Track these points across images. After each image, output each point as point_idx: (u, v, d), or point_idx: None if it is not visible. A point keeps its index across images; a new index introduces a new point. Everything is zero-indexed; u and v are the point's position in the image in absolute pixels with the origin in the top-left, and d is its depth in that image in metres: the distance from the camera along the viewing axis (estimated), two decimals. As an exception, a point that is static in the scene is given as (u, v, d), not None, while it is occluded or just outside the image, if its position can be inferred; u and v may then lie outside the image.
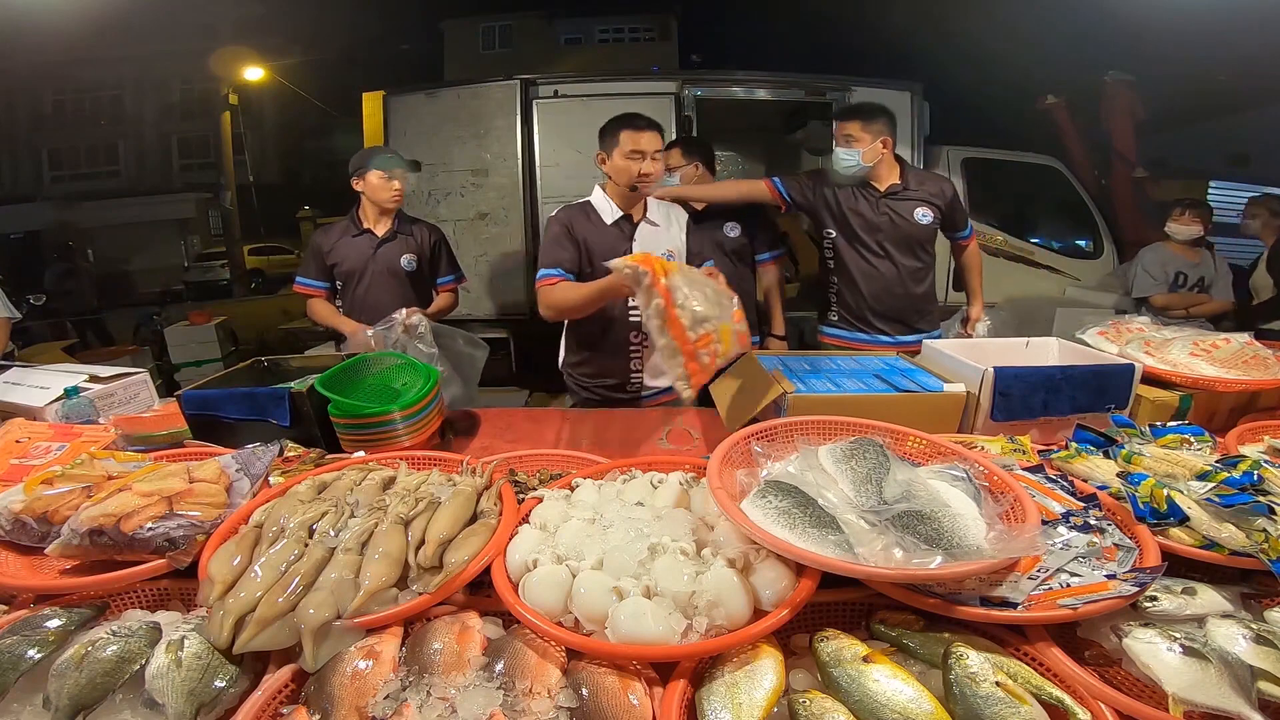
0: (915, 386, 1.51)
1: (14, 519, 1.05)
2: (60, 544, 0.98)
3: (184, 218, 9.31)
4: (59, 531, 1.00)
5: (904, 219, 2.29)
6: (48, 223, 8.29)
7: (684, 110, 4.66)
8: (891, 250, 2.32)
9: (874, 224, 2.31)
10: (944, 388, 1.50)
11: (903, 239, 2.31)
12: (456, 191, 4.70)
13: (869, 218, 2.31)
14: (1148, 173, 5.25)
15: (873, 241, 2.32)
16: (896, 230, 2.30)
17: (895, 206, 2.30)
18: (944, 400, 1.48)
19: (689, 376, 1.31)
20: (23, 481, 1.13)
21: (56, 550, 0.98)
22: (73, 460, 1.32)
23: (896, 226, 2.30)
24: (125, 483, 1.09)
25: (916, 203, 2.30)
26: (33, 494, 1.08)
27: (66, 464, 1.31)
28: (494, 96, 4.64)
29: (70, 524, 0.99)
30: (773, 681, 0.75)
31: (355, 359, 1.67)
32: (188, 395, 1.50)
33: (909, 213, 2.29)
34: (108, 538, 0.97)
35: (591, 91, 4.65)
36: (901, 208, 2.30)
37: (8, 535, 1.06)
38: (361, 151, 2.50)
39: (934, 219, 2.32)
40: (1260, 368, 1.52)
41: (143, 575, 0.96)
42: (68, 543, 0.98)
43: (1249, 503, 0.93)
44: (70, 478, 1.13)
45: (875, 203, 2.31)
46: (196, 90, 9.25)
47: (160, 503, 1.02)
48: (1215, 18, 3.96)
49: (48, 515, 1.04)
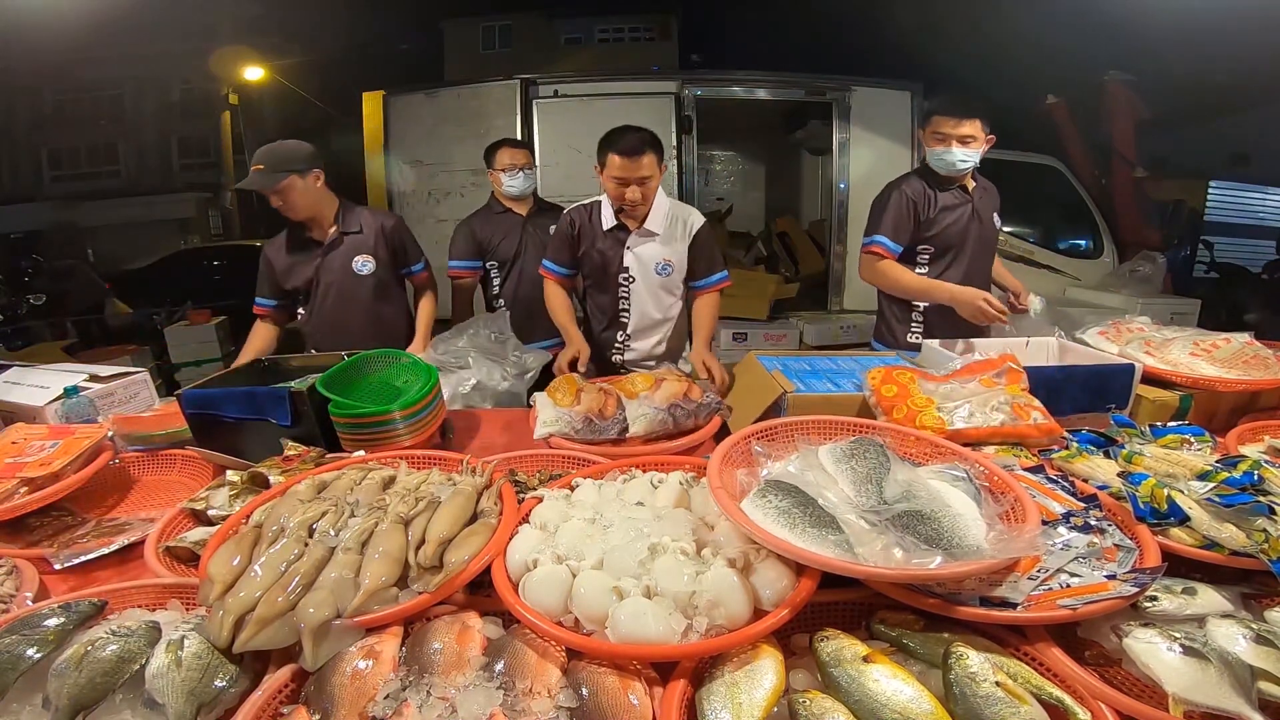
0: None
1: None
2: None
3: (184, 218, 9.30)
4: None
5: (985, 222, 2.17)
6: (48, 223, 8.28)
7: (684, 110, 4.67)
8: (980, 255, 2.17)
9: (965, 230, 2.13)
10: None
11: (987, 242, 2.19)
12: (456, 191, 4.71)
13: (962, 224, 2.13)
14: (1148, 173, 5.24)
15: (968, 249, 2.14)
16: (983, 232, 2.16)
17: (979, 210, 2.15)
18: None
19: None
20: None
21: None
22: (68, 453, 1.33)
23: (983, 227, 2.16)
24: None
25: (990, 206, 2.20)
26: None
27: (59, 458, 1.31)
28: (494, 96, 4.65)
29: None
30: (773, 681, 0.75)
31: (355, 358, 1.67)
32: (188, 395, 1.50)
33: (988, 215, 2.18)
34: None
35: (591, 91, 4.66)
36: (983, 210, 2.17)
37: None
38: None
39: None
40: (1260, 368, 1.52)
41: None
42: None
43: (1249, 503, 0.93)
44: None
45: (962, 207, 2.12)
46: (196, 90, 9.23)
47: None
48: (1215, 18, 3.96)
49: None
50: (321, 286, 2.19)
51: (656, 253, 2.13)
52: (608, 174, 1.99)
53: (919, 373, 1.43)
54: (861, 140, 4.86)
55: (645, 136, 1.97)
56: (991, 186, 2.26)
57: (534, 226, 2.56)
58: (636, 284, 2.16)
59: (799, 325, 4.83)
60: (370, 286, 2.23)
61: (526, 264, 2.54)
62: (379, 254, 2.22)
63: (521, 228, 2.56)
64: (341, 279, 2.19)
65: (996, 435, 1.28)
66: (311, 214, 2.12)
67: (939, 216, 2.10)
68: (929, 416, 1.28)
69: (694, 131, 4.69)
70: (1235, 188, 6.82)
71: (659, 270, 2.14)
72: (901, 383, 1.37)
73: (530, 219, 2.58)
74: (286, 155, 2.03)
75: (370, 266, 2.20)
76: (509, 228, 2.56)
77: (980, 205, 2.15)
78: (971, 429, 1.28)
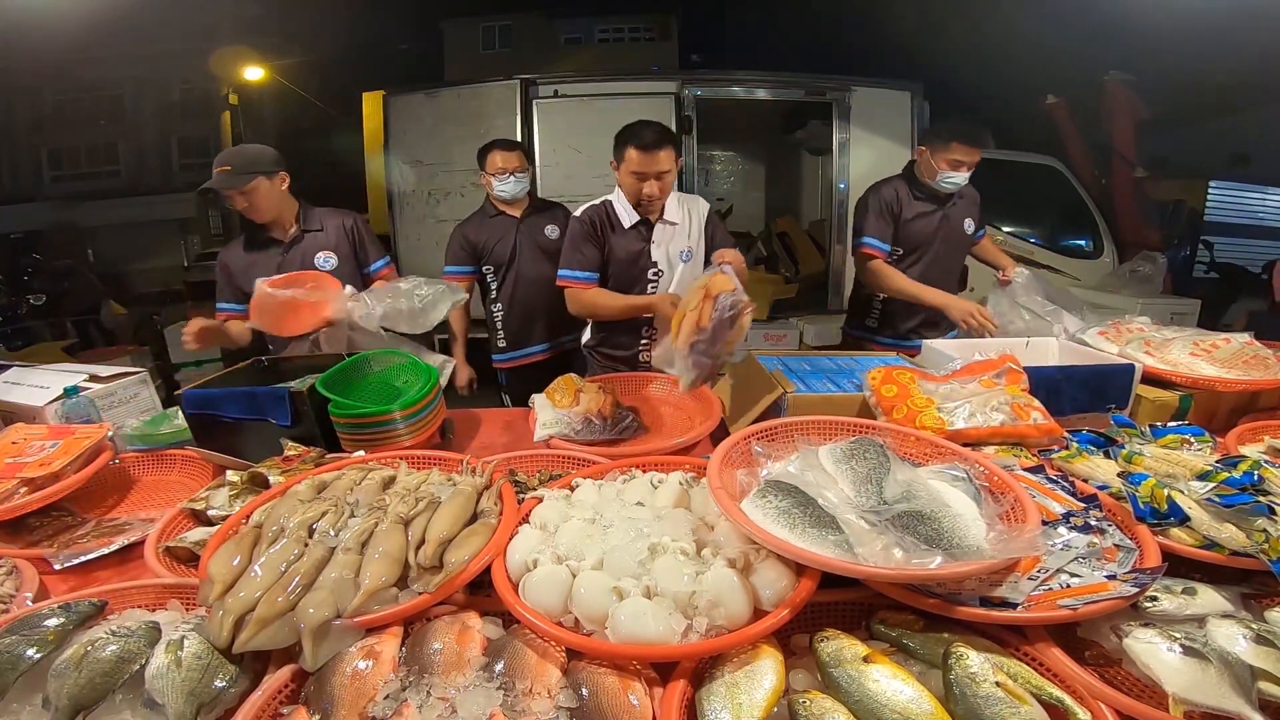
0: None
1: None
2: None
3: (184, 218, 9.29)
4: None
5: (956, 226, 2.40)
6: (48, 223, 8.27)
7: (684, 110, 4.67)
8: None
9: (934, 232, 2.38)
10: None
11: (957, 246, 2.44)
12: (456, 191, 4.70)
13: (932, 227, 2.38)
14: (1148, 173, 5.24)
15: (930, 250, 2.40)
16: (951, 235, 2.40)
17: (950, 214, 2.38)
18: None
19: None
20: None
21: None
22: (68, 453, 1.33)
23: (952, 230, 2.39)
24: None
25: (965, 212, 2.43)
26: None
27: (59, 458, 1.31)
28: (494, 96, 4.64)
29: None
30: (773, 681, 0.75)
31: (355, 358, 1.67)
32: (188, 395, 1.50)
33: (960, 219, 2.40)
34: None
35: (591, 91, 4.65)
36: (955, 215, 2.39)
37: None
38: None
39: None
40: (1260, 368, 1.52)
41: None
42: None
43: (1249, 503, 0.93)
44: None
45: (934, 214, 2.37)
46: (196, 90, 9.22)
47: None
48: (1215, 18, 3.96)
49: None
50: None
51: (680, 241, 2.12)
52: (626, 169, 1.97)
53: (919, 373, 1.43)
54: (861, 140, 4.85)
55: (663, 131, 1.95)
56: (973, 193, 2.43)
57: (528, 228, 2.54)
58: (664, 277, 2.13)
59: (799, 325, 4.83)
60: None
61: (522, 266, 2.53)
62: (340, 250, 2.19)
63: (516, 230, 2.55)
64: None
65: (996, 435, 1.28)
66: (274, 215, 2.11)
67: (912, 219, 2.35)
68: (929, 417, 1.28)
69: (694, 131, 4.68)
70: (1235, 188, 6.81)
71: (683, 258, 2.13)
72: (901, 383, 1.37)
73: (524, 220, 2.56)
74: (254, 157, 2.04)
75: (333, 262, 2.16)
76: (503, 231, 2.55)
77: (952, 211, 2.37)
78: (971, 429, 1.28)
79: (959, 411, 1.30)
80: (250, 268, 2.12)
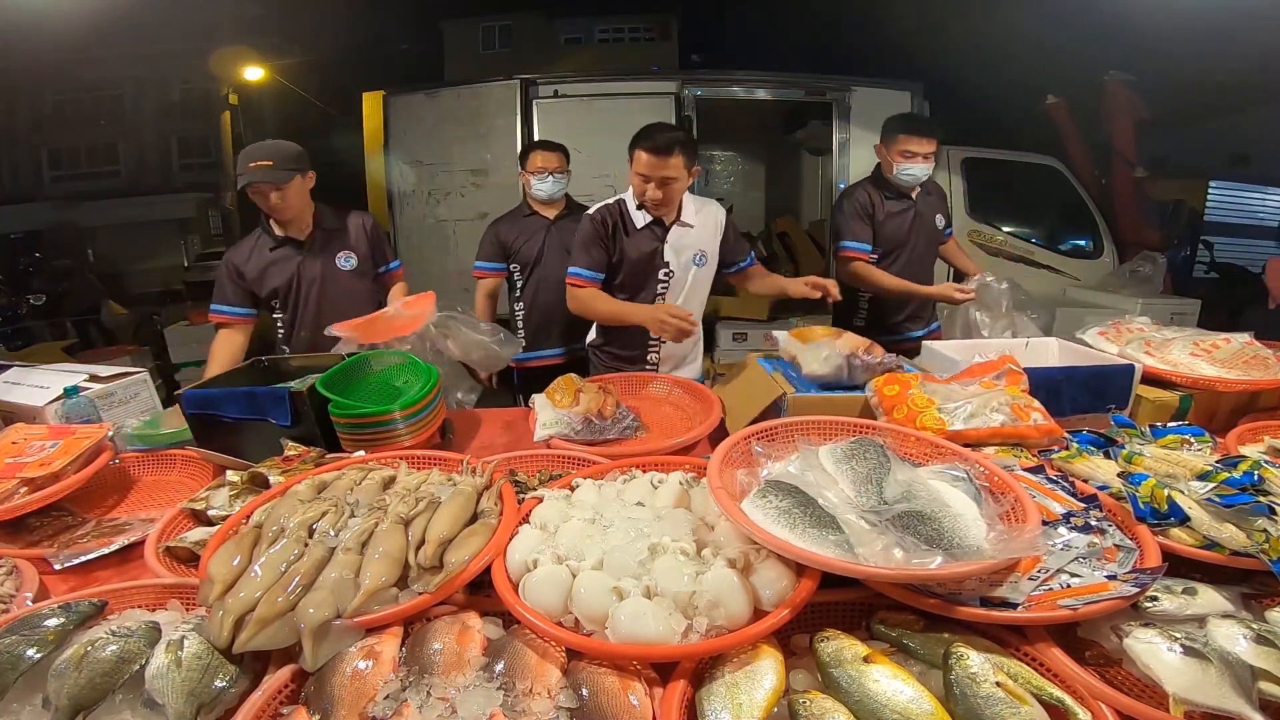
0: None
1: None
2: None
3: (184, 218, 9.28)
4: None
5: (927, 222, 2.51)
6: (48, 223, 8.27)
7: (684, 110, 4.67)
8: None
9: (909, 230, 2.47)
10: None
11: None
12: (456, 191, 4.70)
13: (906, 225, 2.48)
14: (1148, 173, 5.24)
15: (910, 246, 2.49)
16: (925, 231, 2.50)
17: (921, 211, 2.47)
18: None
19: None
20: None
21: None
22: (68, 453, 1.33)
23: (925, 226, 2.49)
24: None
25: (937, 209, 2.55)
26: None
27: (59, 458, 1.31)
28: (494, 96, 4.64)
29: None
30: (773, 682, 0.75)
31: (355, 358, 1.67)
32: (188, 395, 1.50)
33: (930, 215, 2.51)
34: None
35: (591, 91, 4.65)
36: (925, 211, 2.49)
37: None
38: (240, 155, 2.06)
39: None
40: (1260, 368, 1.52)
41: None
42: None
43: (1249, 503, 0.93)
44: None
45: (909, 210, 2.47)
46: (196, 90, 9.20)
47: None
48: (1215, 18, 3.96)
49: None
50: (304, 285, 2.13)
51: (694, 244, 2.11)
52: (634, 169, 1.98)
53: (920, 373, 1.43)
54: (861, 140, 4.84)
55: (678, 137, 1.94)
56: (938, 189, 2.55)
57: (558, 230, 2.54)
58: (675, 278, 2.13)
59: (799, 326, 4.83)
60: (354, 282, 2.19)
61: (547, 268, 2.53)
62: (359, 249, 2.20)
63: (545, 231, 2.54)
64: (325, 276, 2.14)
65: (997, 436, 1.28)
66: (298, 214, 2.10)
67: (886, 219, 2.44)
68: (929, 417, 1.28)
69: (694, 131, 4.68)
70: (1235, 188, 6.81)
71: (696, 261, 2.13)
72: (902, 383, 1.37)
73: (556, 223, 2.56)
74: (293, 154, 2.04)
75: (353, 262, 2.18)
76: (533, 231, 2.55)
77: (923, 207, 2.47)
78: (972, 429, 1.28)
79: (959, 412, 1.30)
80: (266, 271, 2.11)
